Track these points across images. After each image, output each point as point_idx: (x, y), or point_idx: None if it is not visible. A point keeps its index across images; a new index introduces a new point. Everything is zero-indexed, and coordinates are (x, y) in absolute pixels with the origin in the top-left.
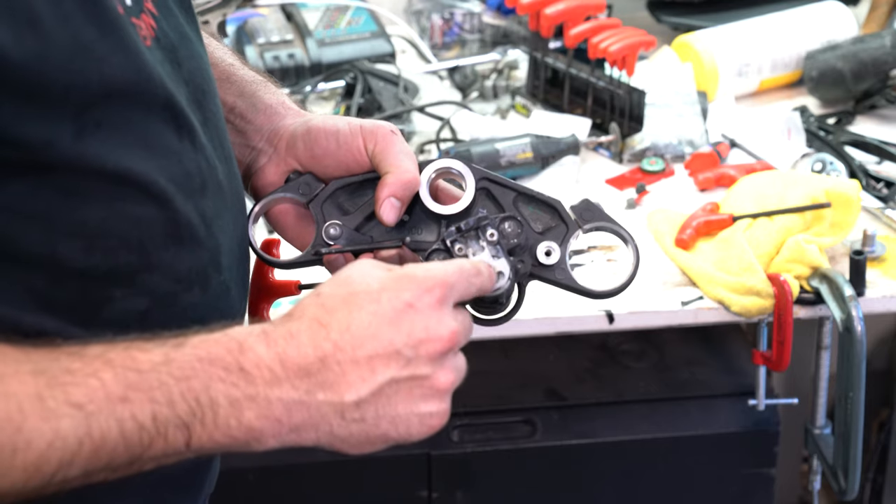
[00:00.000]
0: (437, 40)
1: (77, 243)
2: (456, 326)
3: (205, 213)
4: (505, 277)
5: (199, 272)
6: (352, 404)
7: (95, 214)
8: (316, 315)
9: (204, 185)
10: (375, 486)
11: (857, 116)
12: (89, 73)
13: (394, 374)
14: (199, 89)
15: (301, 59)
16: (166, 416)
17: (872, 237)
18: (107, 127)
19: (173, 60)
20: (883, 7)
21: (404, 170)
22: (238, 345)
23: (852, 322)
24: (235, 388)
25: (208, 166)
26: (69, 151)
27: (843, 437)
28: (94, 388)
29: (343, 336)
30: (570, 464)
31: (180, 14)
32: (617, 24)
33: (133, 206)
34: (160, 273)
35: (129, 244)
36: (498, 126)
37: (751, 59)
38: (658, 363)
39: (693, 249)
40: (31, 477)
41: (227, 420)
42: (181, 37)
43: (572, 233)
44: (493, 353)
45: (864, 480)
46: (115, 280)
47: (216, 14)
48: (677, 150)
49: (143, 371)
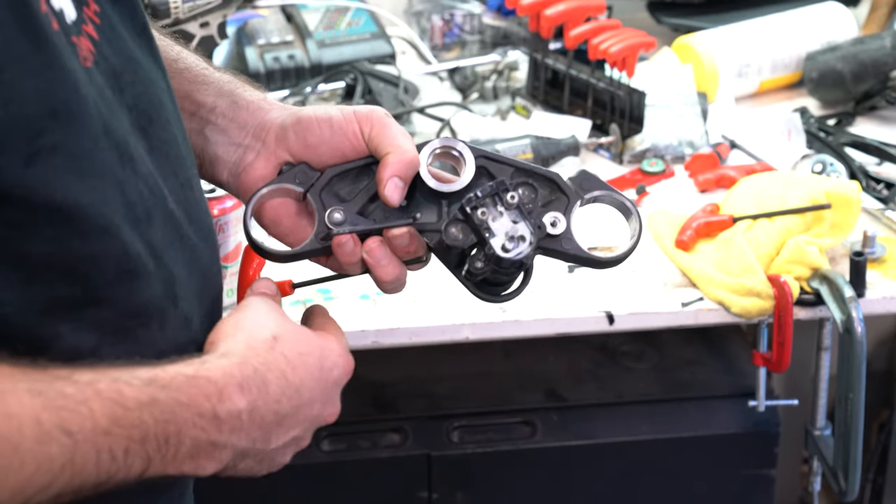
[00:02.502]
0: (438, 41)
1: (15, 275)
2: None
3: (153, 245)
4: (527, 242)
5: (153, 306)
6: (267, 451)
7: (38, 248)
8: (284, 372)
9: (149, 215)
10: (375, 487)
11: (858, 118)
12: (24, 87)
13: (300, 434)
14: (145, 115)
15: (301, 61)
16: (136, 451)
17: (872, 238)
18: (61, 153)
19: (114, 86)
20: (883, 8)
21: (404, 150)
22: (218, 392)
23: (852, 323)
24: (203, 432)
25: (152, 195)
26: (18, 179)
27: (844, 438)
28: (85, 417)
29: (302, 398)
30: (570, 465)
31: (130, 37)
32: (617, 25)
33: (79, 239)
34: (108, 308)
35: (74, 278)
36: (498, 127)
37: (751, 61)
38: (658, 364)
39: (693, 250)
40: (13, 498)
41: (184, 459)
42: (127, 61)
43: (574, 202)
44: (493, 354)
45: (864, 481)
46: (59, 315)
47: (216, 15)
48: (677, 151)
49: (128, 408)
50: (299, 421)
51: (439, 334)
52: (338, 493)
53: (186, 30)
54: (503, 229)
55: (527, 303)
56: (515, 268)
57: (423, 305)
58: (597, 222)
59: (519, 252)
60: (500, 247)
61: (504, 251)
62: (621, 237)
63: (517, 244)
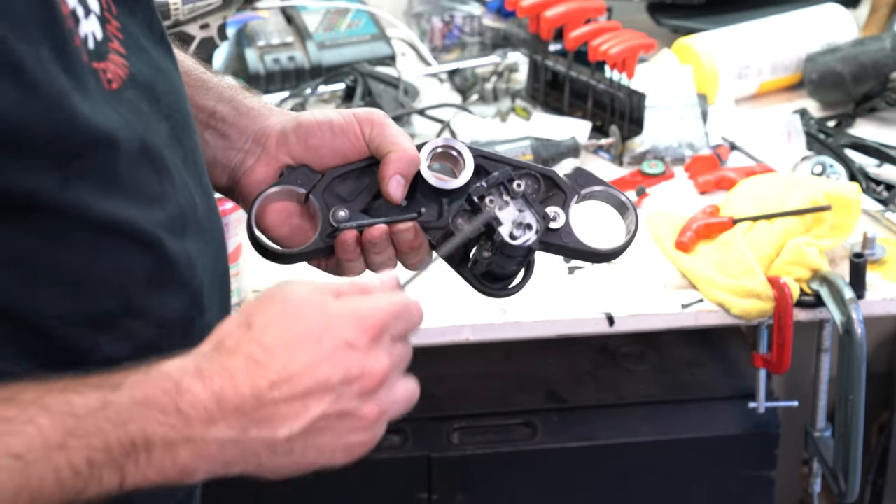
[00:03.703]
0: (438, 43)
1: (59, 290)
2: (389, 363)
3: (189, 255)
4: (533, 229)
5: (182, 315)
6: (284, 440)
7: (78, 260)
8: (252, 353)
9: (185, 226)
10: (375, 489)
11: (857, 119)
12: (68, 121)
13: (325, 409)
14: (179, 125)
15: (301, 62)
16: (102, 461)
17: (872, 240)
18: (92, 176)
19: (151, 98)
20: (883, 9)
21: (405, 148)
22: (174, 385)
23: (852, 325)
24: (172, 429)
25: (190, 205)
26: (54, 199)
27: (844, 439)
28: (32, 436)
29: (280, 375)
30: (571, 466)
31: (153, 48)
32: (617, 26)
33: (116, 251)
34: (143, 319)
35: (112, 290)
36: (498, 129)
37: (751, 62)
38: (658, 365)
39: (693, 252)
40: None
41: (162, 461)
42: (156, 71)
43: (572, 197)
44: (493, 356)
45: (864, 483)
46: (98, 327)
47: (216, 17)
48: (677, 152)
49: (80, 416)
50: (306, 395)
51: (439, 335)
52: (337, 494)
53: (186, 31)
54: (510, 217)
55: (527, 304)
56: (522, 256)
57: (423, 307)
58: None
59: (526, 239)
60: (507, 234)
61: (512, 238)
62: (615, 238)
63: (524, 231)
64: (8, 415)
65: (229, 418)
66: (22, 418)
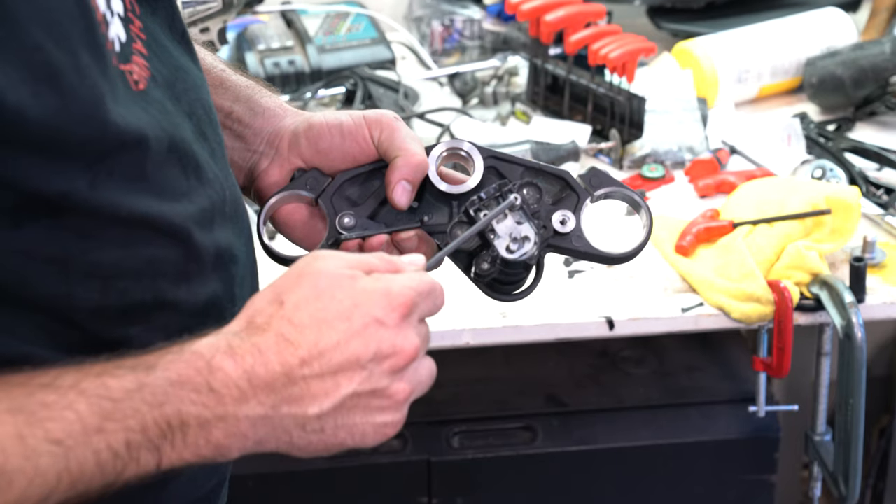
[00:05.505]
0: (438, 47)
1: (92, 284)
2: (419, 342)
3: (219, 246)
4: (531, 242)
5: (214, 305)
6: (314, 417)
7: (110, 255)
8: (283, 331)
9: (214, 218)
10: (375, 493)
11: (857, 123)
12: (103, 125)
13: (356, 387)
14: (202, 120)
15: (301, 66)
16: (139, 442)
17: (872, 244)
18: (118, 175)
19: (172, 97)
20: (882, 14)
21: (413, 153)
22: (206, 364)
23: (852, 328)
24: (206, 408)
25: (220, 198)
26: (85, 199)
27: (844, 443)
28: (71, 422)
29: (311, 352)
30: (571, 470)
31: (173, 46)
32: (617, 30)
33: (148, 246)
34: (175, 310)
35: (144, 283)
36: (498, 132)
37: (751, 66)
38: (658, 369)
39: (693, 256)
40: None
41: (197, 440)
42: (177, 69)
43: (584, 200)
44: (493, 360)
45: (864, 487)
46: (131, 319)
47: (216, 21)
48: (677, 156)
49: (116, 399)
50: (337, 372)
51: (439, 339)
52: (338, 499)
53: None
54: (507, 231)
55: (527, 308)
56: (521, 268)
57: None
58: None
59: (523, 253)
60: (504, 248)
61: (508, 252)
62: (626, 239)
63: (521, 245)
64: (47, 400)
65: (260, 395)
66: (61, 404)
